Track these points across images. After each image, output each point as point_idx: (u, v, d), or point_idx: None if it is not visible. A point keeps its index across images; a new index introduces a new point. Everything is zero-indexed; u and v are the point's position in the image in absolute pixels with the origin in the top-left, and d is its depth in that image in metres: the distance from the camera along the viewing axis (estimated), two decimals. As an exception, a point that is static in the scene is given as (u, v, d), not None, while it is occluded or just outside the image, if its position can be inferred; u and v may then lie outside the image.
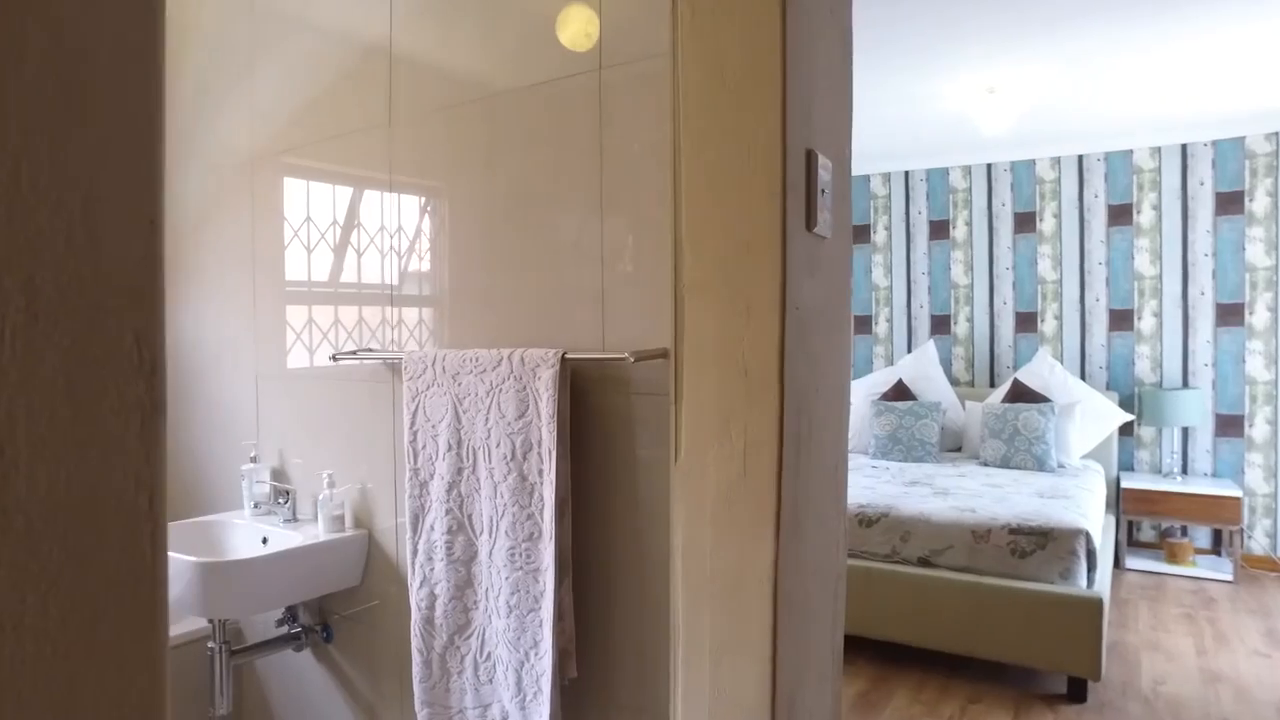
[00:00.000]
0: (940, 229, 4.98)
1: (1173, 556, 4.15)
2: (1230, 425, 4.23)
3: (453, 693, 1.55)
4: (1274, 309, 4.14)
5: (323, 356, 1.96)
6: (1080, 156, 4.57)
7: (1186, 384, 4.33)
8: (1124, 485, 4.19)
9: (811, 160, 1.17)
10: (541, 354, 1.45)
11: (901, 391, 4.52)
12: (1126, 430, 4.44)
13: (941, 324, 4.98)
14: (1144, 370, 4.43)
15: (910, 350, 5.04)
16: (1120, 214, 4.48)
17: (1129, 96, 3.73)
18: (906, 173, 5.07)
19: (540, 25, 1.54)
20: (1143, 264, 4.42)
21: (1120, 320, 4.49)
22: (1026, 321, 4.73)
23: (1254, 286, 4.18)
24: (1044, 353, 4.45)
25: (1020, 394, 4.24)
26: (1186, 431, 4.33)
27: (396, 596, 1.79)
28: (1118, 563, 4.19)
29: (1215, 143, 4.24)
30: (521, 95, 1.57)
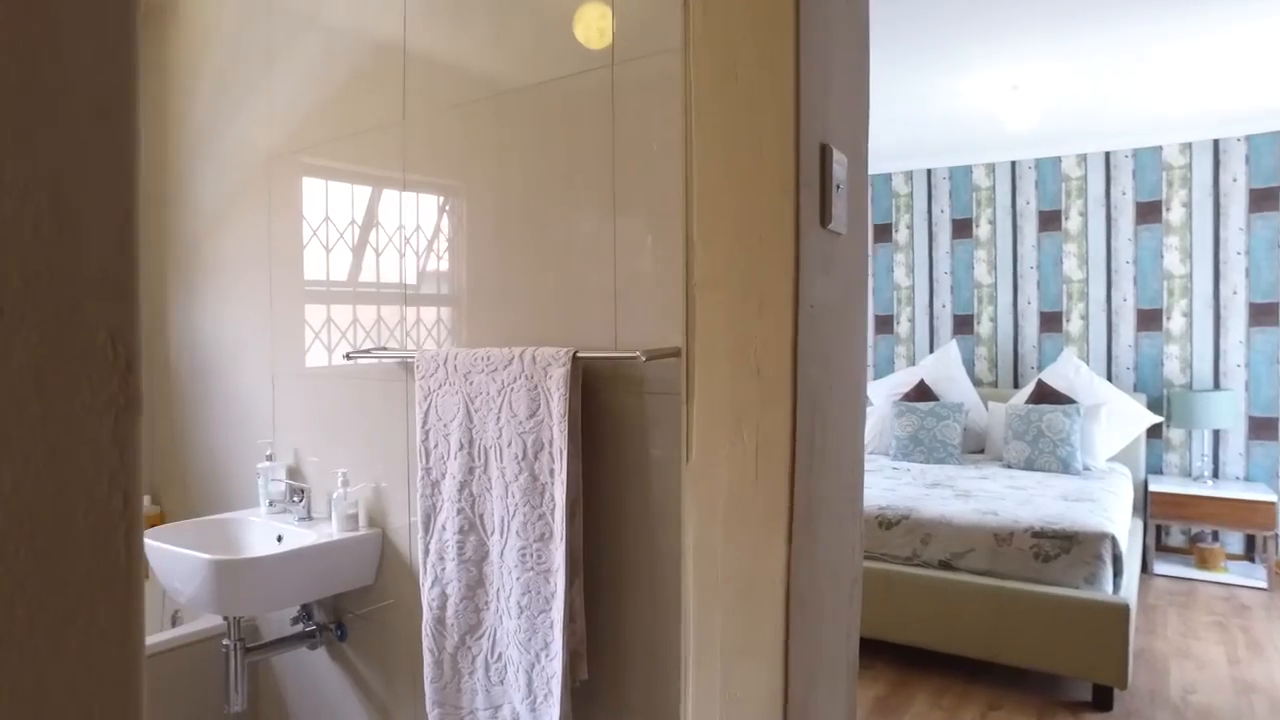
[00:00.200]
0: (963, 227, 4.91)
1: (1203, 562, 4.05)
2: (1264, 428, 4.13)
3: (464, 693, 1.54)
4: (1309, 308, 4.03)
5: (338, 355, 1.97)
6: (1107, 153, 4.48)
7: (1218, 385, 4.23)
8: (1152, 489, 4.10)
9: (826, 155, 1.15)
10: (553, 353, 1.43)
11: (923, 392, 4.46)
12: (1155, 433, 4.34)
13: (964, 324, 4.91)
14: (1173, 371, 4.33)
15: (932, 350, 4.98)
16: (1149, 211, 4.39)
17: (1158, 91, 3.64)
18: (929, 171, 5.01)
19: (552, 21, 1.53)
20: (1172, 262, 4.33)
21: (1148, 320, 4.39)
22: (1051, 321, 4.65)
23: (1288, 285, 4.07)
24: (1069, 353, 4.37)
25: (1044, 395, 4.17)
26: (1218, 434, 4.22)
27: (410, 596, 1.78)
28: (1145, 568, 4.10)
29: (1249, 138, 4.14)
30: (534, 92, 1.56)
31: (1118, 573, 2.73)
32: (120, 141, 0.37)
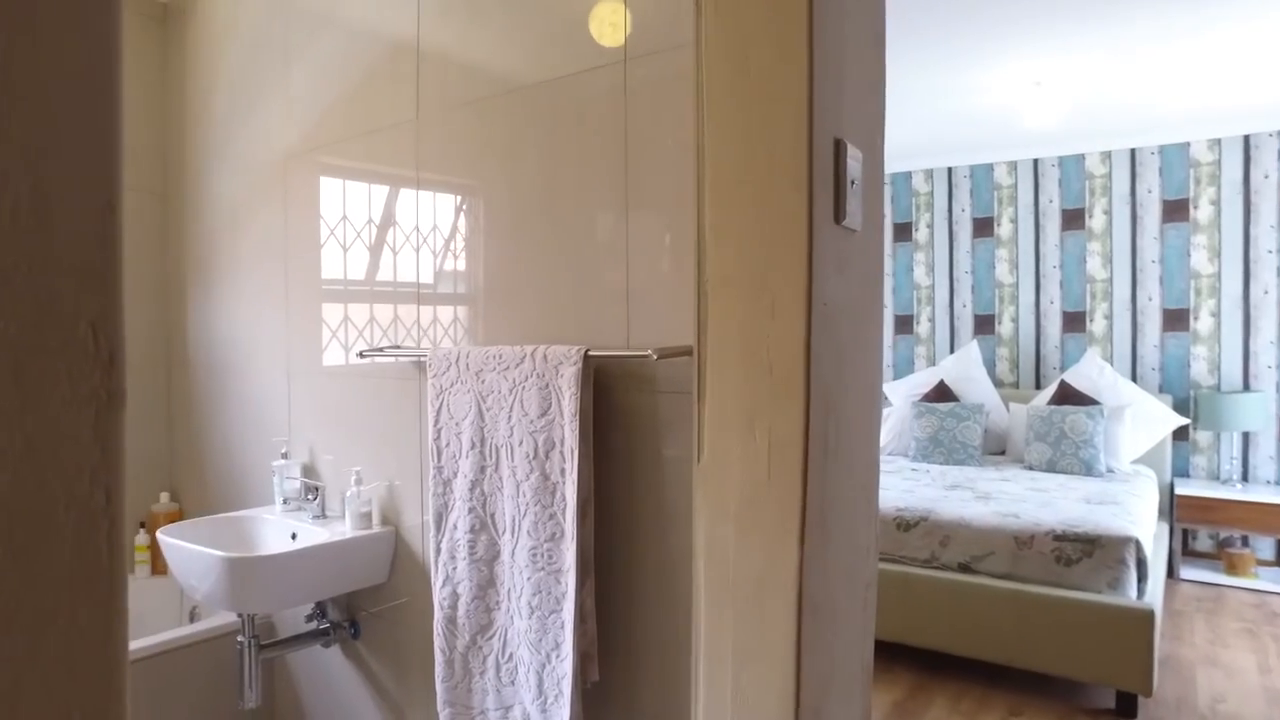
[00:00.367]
0: (984, 226, 4.84)
1: (1232, 568, 3.96)
2: (1294, 430, 4.04)
3: (475, 693, 1.53)
4: (1342, 308, 3.93)
5: (353, 354, 1.97)
6: (1133, 150, 4.40)
7: (1247, 387, 4.14)
8: (1178, 492, 4.02)
9: (840, 150, 1.13)
10: (564, 351, 1.42)
11: (943, 393, 4.41)
12: (1181, 435, 4.26)
13: (985, 324, 4.84)
14: (1200, 372, 4.24)
15: (953, 351, 4.92)
16: (1176, 209, 4.30)
17: (1186, 86, 3.57)
18: (949, 169, 4.94)
19: (565, 17, 1.52)
20: (1200, 261, 4.24)
21: (1175, 320, 4.31)
22: (1074, 321, 4.57)
23: (1320, 285, 3.98)
24: (1093, 354, 4.30)
25: (1067, 396, 4.10)
26: (1247, 436, 4.13)
27: (423, 594, 1.78)
28: (1171, 573, 4.02)
29: None
30: (546, 89, 1.55)
31: (1142, 577, 2.68)
32: (103, 130, 0.36)
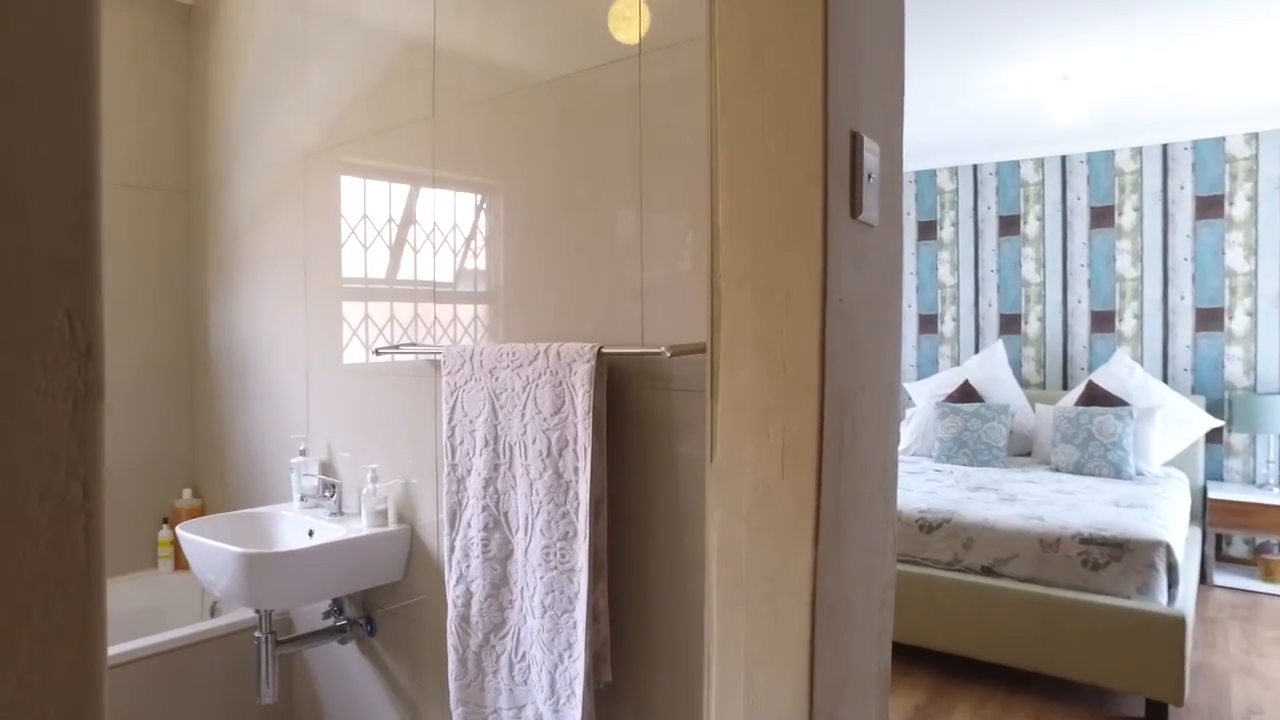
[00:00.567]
0: (1010, 224, 4.76)
1: (1269, 574, 3.86)
2: (1333, 433, 3.92)
3: (488, 692, 1.53)
4: (1384, 307, 3.81)
5: (368, 352, 1.97)
6: (1164, 146, 4.30)
7: (1283, 388, 4.03)
8: (1212, 496, 3.92)
9: (856, 143, 1.10)
10: (577, 348, 1.41)
11: (967, 393, 4.34)
12: (1214, 437, 4.15)
13: (1011, 323, 4.76)
14: (1235, 373, 4.13)
15: (978, 350, 4.84)
16: (1209, 206, 4.20)
17: (1221, 79, 3.48)
18: (975, 166, 4.87)
19: (580, 12, 1.50)
20: (1235, 259, 4.13)
21: (1208, 320, 4.20)
22: (1103, 321, 4.48)
23: (1361, 283, 3.86)
24: (1122, 354, 4.21)
25: (1095, 397, 4.02)
26: (1283, 439, 4.03)
27: (438, 593, 1.78)
28: (1204, 578, 3.92)
29: (1318, 128, 3.94)
30: (561, 85, 1.54)
31: (1173, 583, 2.61)
32: (79, 115, 0.35)
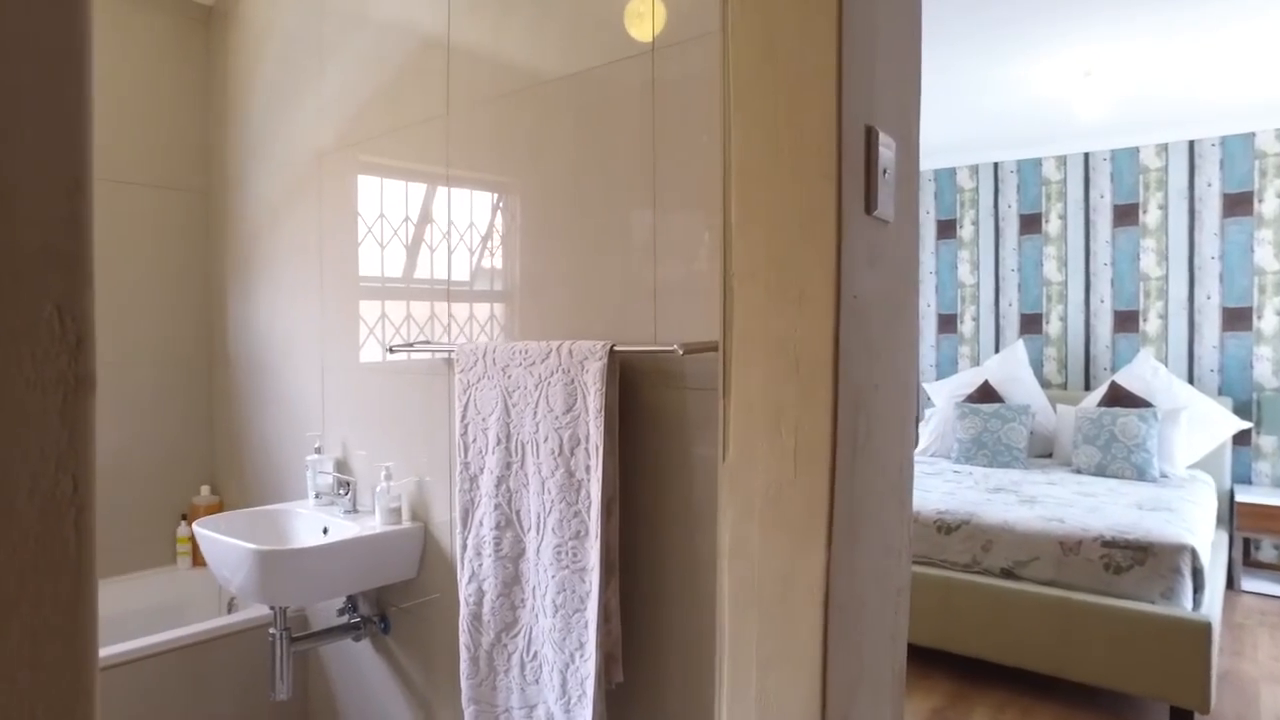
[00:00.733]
0: (1032, 223, 4.70)
1: (1296, 578, 3.78)
2: (1364, 435, 3.83)
3: (499, 691, 1.52)
4: None
5: (383, 351, 1.98)
6: (1191, 142, 4.22)
7: (1313, 389, 3.95)
8: (1239, 499, 3.84)
9: (871, 138, 1.09)
10: (590, 346, 1.40)
11: (987, 393, 4.29)
12: (1242, 439, 4.07)
13: (1032, 323, 4.70)
14: (1264, 374, 4.05)
15: (998, 350, 4.79)
16: (1237, 203, 4.12)
17: (1249, 72, 3.41)
18: (995, 164, 4.81)
19: (593, 8, 1.49)
20: (1264, 258, 4.05)
21: (1236, 319, 4.12)
22: (1126, 321, 4.41)
23: (1395, 282, 3.77)
24: (1146, 354, 4.14)
25: (1118, 398, 3.95)
26: (1312, 441, 3.94)
27: (452, 591, 1.78)
28: (1231, 584, 3.85)
29: (1349, 123, 3.85)
30: (574, 82, 1.53)
31: (1198, 588, 2.56)
32: (69, 106, 0.35)
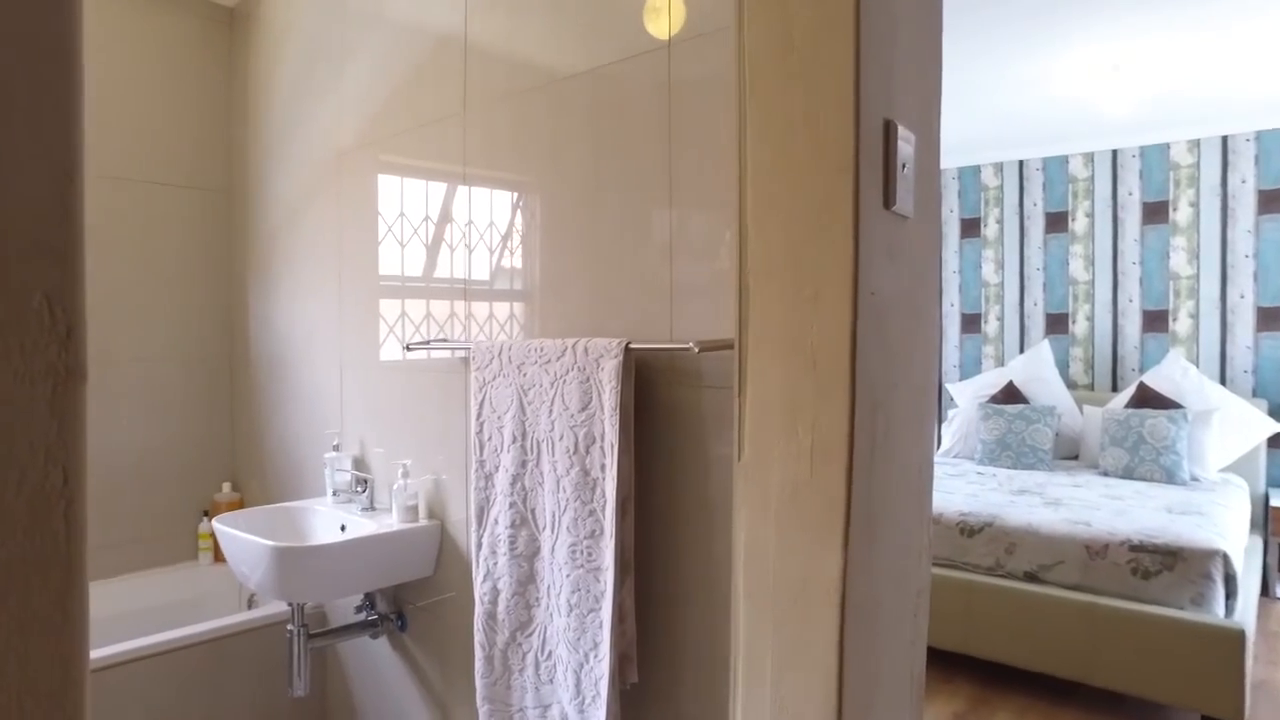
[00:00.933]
0: (1058, 221, 4.62)
1: (1332, 585, 3.68)
2: (1405, 439, 3.72)
3: (514, 690, 1.52)
4: None
5: (401, 349, 1.98)
6: (1224, 138, 4.13)
7: (1350, 391, 3.84)
8: (1275, 504, 3.75)
9: (890, 131, 1.07)
10: (605, 344, 1.39)
11: (1012, 394, 4.22)
12: (1278, 443, 3.97)
13: (1058, 323, 4.62)
14: (1298, 375, 3.95)
15: (1022, 350, 4.71)
16: (1273, 200, 4.01)
17: (1282, 67, 3.32)
18: (1020, 162, 4.74)
19: (609, 3, 1.48)
20: (1298, 256, 3.95)
21: (1271, 319, 4.02)
22: (1155, 320, 4.32)
23: None
24: (1176, 354, 4.05)
25: (1147, 399, 3.87)
26: (1350, 445, 3.83)
27: (468, 590, 1.78)
28: (1266, 590, 3.75)
29: (1389, 117, 3.74)
30: (590, 78, 1.52)
31: (1231, 594, 2.50)
32: (59, 93, 0.34)
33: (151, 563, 2.44)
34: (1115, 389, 4.40)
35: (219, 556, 2.49)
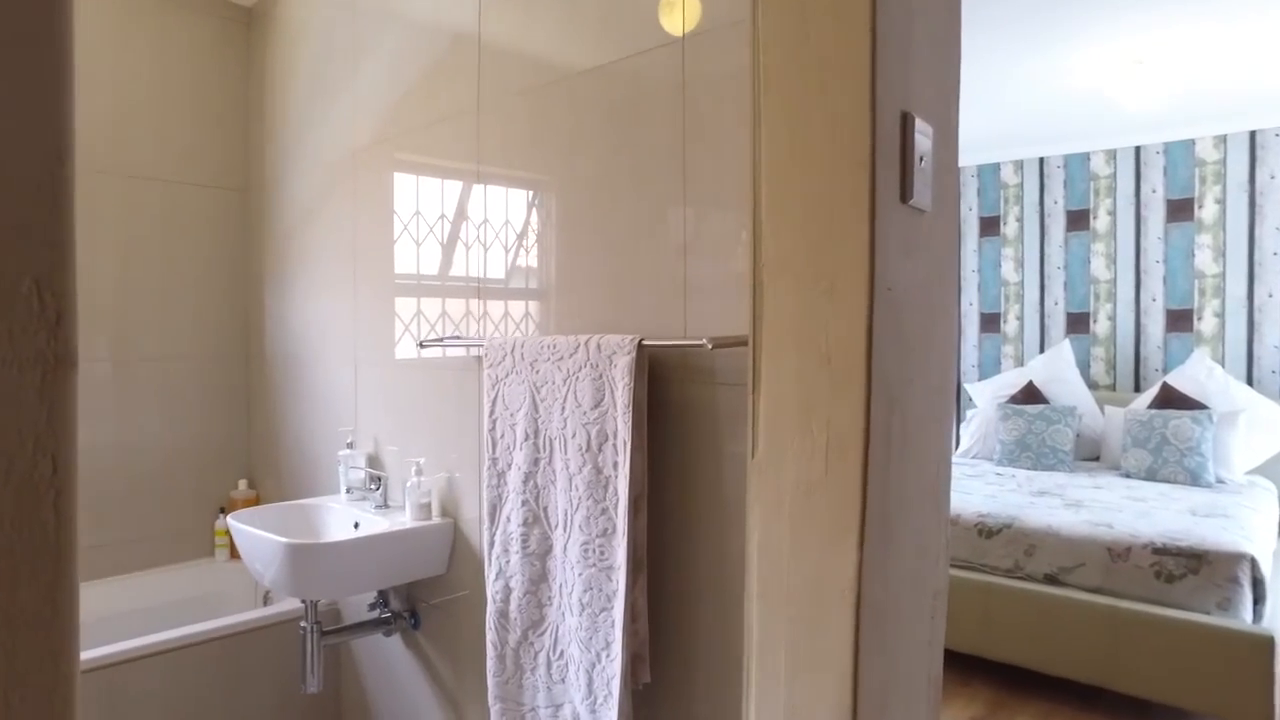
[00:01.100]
0: (1079, 219, 4.55)
1: (1362, 590, 3.59)
2: None
3: (525, 690, 1.51)
4: None
5: (414, 347, 1.98)
6: (1253, 133, 4.05)
7: (1382, 392, 3.75)
8: (1301, 506, 3.67)
9: (907, 124, 1.04)
10: (618, 340, 1.38)
11: (1031, 394, 4.17)
12: (1304, 443, 3.89)
13: (1079, 322, 4.55)
14: (1328, 375, 3.87)
15: (1043, 350, 4.65)
16: (1300, 197, 3.93)
17: (1311, 61, 3.25)
18: (1041, 159, 4.67)
19: (622, -1, 1.47)
20: (1327, 254, 3.87)
21: (1298, 318, 3.94)
22: (1180, 320, 4.25)
23: None
24: (1201, 354, 3.98)
25: (1170, 399, 3.81)
26: (1382, 447, 3.74)
27: (481, 587, 1.77)
28: (1292, 594, 3.68)
29: None
30: (603, 73, 1.51)
31: (1259, 599, 2.44)
32: (47, 74, 0.34)
33: (169, 559, 2.46)
34: (1138, 389, 4.33)
35: (235, 553, 2.50)
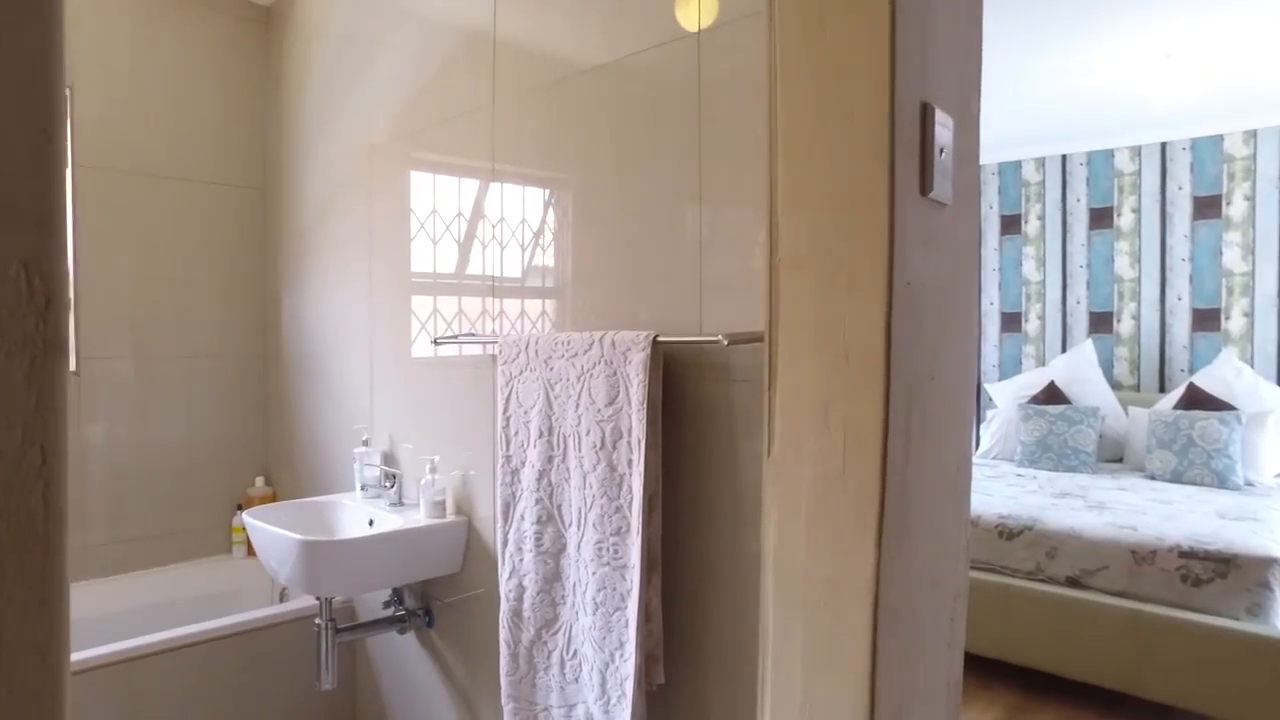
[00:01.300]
0: (1102, 217, 4.48)
1: (1395, 596, 3.50)
2: None
3: (539, 689, 1.50)
4: None
5: (429, 344, 1.98)
6: (1281, 128, 3.96)
7: None
8: (1331, 509, 3.59)
9: (927, 115, 1.02)
10: (632, 337, 1.37)
11: (1053, 394, 4.10)
12: (1335, 445, 3.80)
13: (1102, 322, 4.48)
14: (1360, 376, 3.78)
15: (1065, 350, 4.58)
16: (1330, 194, 3.85)
17: (1344, 54, 3.17)
18: (1064, 156, 4.60)
19: (637, -8, 1.46)
20: (1359, 251, 3.78)
21: (1329, 317, 3.85)
22: (1206, 319, 4.16)
23: None
24: (1229, 354, 3.90)
25: (1196, 400, 3.73)
26: None
27: (495, 586, 1.76)
28: (1322, 599, 3.59)
29: None
30: (617, 68, 1.50)
31: (1288, 603, 2.39)
32: (34, 52, 0.33)
33: (187, 555, 2.47)
34: (1163, 390, 4.25)
35: (252, 550, 2.52)
